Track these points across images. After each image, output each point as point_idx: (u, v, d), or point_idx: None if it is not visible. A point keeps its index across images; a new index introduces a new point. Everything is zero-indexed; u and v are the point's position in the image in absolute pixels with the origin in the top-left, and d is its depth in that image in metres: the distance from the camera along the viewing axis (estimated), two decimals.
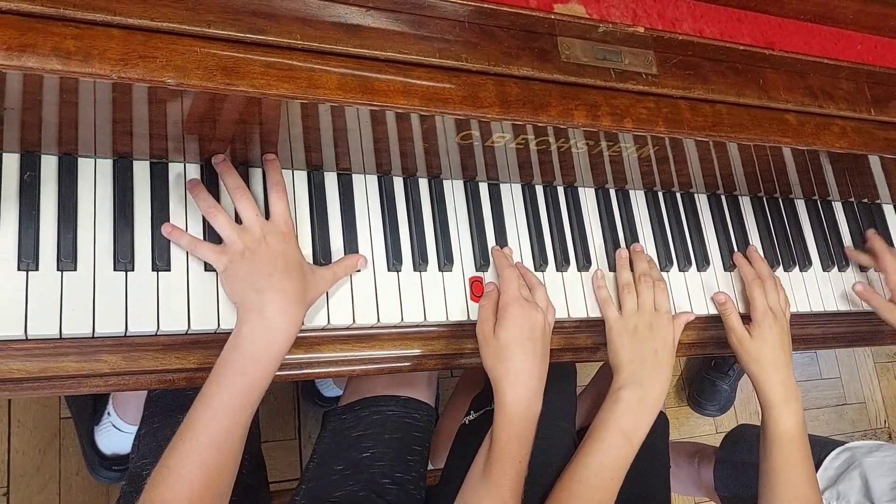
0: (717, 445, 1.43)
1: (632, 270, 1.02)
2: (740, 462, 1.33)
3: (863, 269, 1.22)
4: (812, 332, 1.16)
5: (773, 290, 1.05)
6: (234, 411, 0.72)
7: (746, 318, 1.05)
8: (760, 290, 1.04)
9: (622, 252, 1.03)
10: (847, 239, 1.23)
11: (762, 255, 1.12)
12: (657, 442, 1.16)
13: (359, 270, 0.89)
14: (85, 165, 0.80)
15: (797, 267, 1.17)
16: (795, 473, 0.95)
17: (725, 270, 1.11)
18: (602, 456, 0.90)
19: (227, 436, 0.71)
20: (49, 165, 0.79)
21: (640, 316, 0.96)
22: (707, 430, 2.10)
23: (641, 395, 0.92)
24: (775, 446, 0.97)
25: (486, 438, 0.87)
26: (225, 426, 0.71)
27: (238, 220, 0.82)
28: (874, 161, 1.07)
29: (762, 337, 1.00)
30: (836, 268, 1.19)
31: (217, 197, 0.84)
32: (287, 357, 0.86)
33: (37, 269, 0.75)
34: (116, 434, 1.29)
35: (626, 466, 0.91)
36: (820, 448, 1.22)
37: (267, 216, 0.83)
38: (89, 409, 1.33)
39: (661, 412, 1.19)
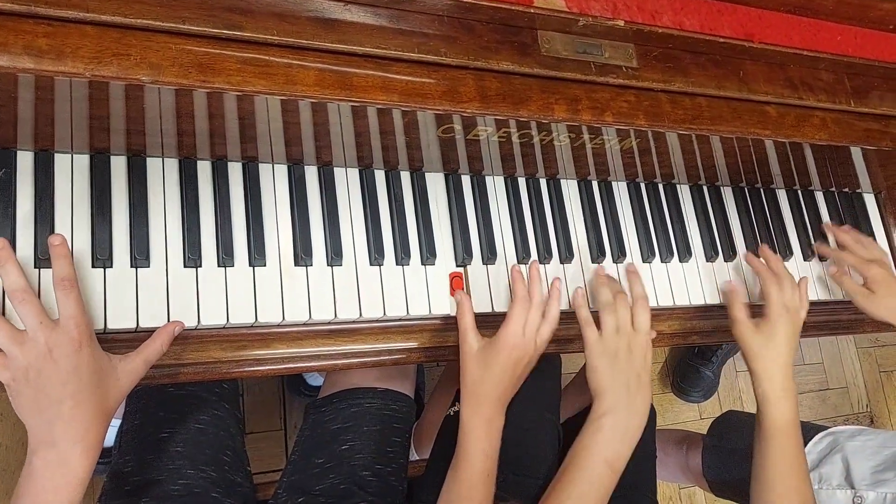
0: (705, 432, 1.44)
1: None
2: (728, 448, 1.34)
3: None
4: None
5: (789, 288, 1.03)
6: None
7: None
8: (777, 287, 1.02)
9: (600, 269, 1.01)
10: None
11: (776, 253, 1.11)
12: (644, 432, 1.17)
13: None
14: (61, 161, 0.80)
15: (779, 256, 1.17)
16: (788, 466, 0.96)
17: (707, 261, 1.11)
18: (586, 486, 0.88)
19: None
20: (25, 162, 0.78)
21: (620, 337, 0.92)
22: (691, 416, 2.12)
23: (627, 422, 0.90)
24: (770, 440, 0.97)
25: (455, 453, 0.88)
26: None
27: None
28: (855, 152, 1.08)
29: (773, 334, 0.99)
30: (816, 257, 1.20)
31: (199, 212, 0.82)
32: (270, 352, 0.86)
33: None
34: None
35: (608, 495, 0.89)
36: (804, 433, 1.23)
37: None
38: None
39: None
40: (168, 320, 0.79)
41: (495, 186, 1.02)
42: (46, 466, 0.68)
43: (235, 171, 0.88)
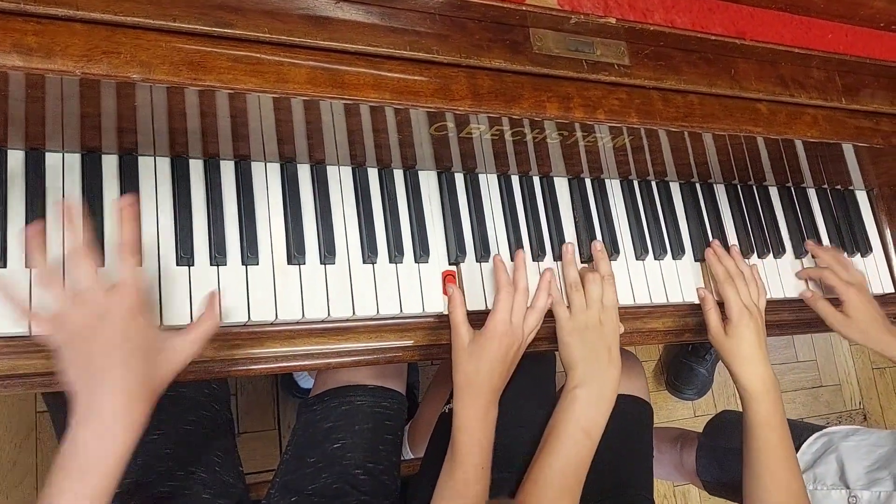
0: (699, 430, 1.44)
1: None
2: (722, 447, 1.34)
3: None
4: (785, 317, 1.17)
5: (744, 285, 1.04)
6: None
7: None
8: (733, 289, 1.03)
9: (568, 247, 1.01)
10: (821, 225, 1.25)
11: (731, 247, 1.12)
12: (641, 430, 1.17)
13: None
14: (52, 160, 0.79)
15: (771, 254, 1.17)
16: (776, 461, 0.97)
17: (699, 259, 1.11)
18: (565, 457, 0.90)
19: None
20: (15, 161, 0.78)
21: (590, 313, 0.95)
22: (685, 413, 2.12)
23: (600, 392, 0.92)
24: (756, 435, 0.98)
25: (448, 449, 0.88)
26: None
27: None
28: (847, 149, 1.08)
29: (739, 335, 1.01)
30: (809, 254, 1.20)
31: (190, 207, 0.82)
32: (262, 350, 0.86)
33: (4, 267, 0.74)
34: None
35: (588, 463, 0.91)
36: (798, 433, 1.24)
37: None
38: (66, 403, 1.32)
39: (646, 402, 1.20)
40: (161, 320, 0.79)
41: (488, 184, 1.02)
42: (91, 439, 0.65)
43: (228, 170, 0.87)
